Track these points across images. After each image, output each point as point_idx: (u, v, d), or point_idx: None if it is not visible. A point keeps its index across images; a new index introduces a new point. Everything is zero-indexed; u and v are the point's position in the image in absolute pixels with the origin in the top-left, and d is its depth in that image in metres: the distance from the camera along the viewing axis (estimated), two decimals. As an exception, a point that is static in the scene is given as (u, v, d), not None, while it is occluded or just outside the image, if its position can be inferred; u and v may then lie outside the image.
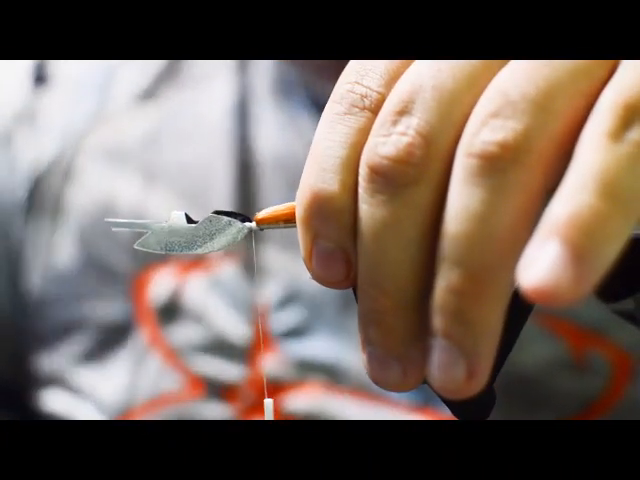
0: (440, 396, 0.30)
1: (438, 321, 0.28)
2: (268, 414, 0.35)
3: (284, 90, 0.67)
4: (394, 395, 0.63)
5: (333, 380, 0.64)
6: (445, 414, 0.62)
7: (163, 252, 0.34)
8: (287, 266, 0.65)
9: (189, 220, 0.34)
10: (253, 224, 0.34)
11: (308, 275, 0.31)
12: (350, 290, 0.32)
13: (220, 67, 0.69)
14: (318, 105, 0.66)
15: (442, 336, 0.28)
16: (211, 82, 0.69)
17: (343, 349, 0.64)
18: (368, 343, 0.30)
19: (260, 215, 0.34)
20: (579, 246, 0.26)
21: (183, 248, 0.34)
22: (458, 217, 0.28)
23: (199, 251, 0.34)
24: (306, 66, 0.67)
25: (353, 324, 0.63)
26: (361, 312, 0.30)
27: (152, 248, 0.34)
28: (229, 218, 0.34)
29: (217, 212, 0.34)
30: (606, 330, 0.63)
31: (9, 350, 0.70)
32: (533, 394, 0.63)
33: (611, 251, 0.26)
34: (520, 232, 0.28)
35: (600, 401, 0.63)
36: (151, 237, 0.34)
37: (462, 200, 0.28)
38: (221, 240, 0.34)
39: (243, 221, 0.34)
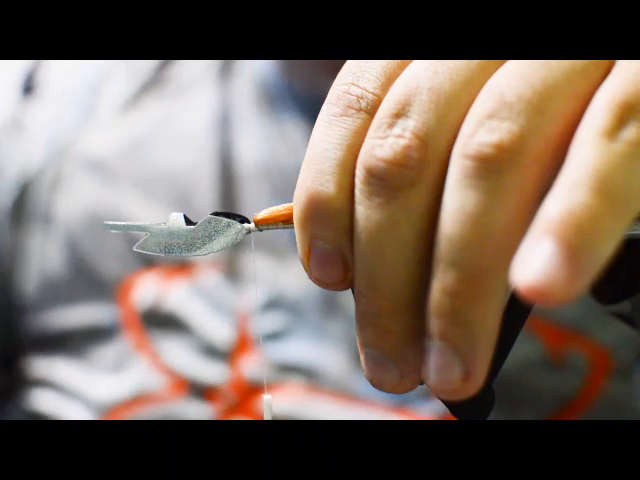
0: (439, 397, 0.30)
1: (434, 323, 0.28)
2: (267, 410, 0.35)
3: (268, 96, 0.68)
4: (372, 396, 0.63)
5: (313, 382, 0.64)
6: (422, 415, 0.63)
7: (162, 254, 0.34)
8: (270, 271, 0.65)
9: (188, 222, 0.34)
10: (252, 225, 0.34)
11: (294, 280, 0.31)
12: (332, 295, 0.32)
13: (203, 76, 0.70)
14: (302, 111, 0.67)
15: (438, 338, 0.28)
16: (194, 92, 0.70)
17: (323, 352, 0.65)
18: (365, 345, 0.30)
19: (259, 216, 0.34)
20: (573, 244, 0.26)
21: (182, 250, 0.34)
22: (453, 219, 0.28)
23: (198, 253, 0.34)
24: (290, 71, 0.67)
25: (334, 328, 0.65)
26: (358, 314, 0.30)
27: (151, 250, 0.34)
28: (228, 219, 0.34)
29: (216, 213, 0.34)
30: (584, 328, 0.63)
31: None
32: (511, 392, 0.63)
33: (605, 250, 0.26)
34: (516, 233, 0.28)
35: (578, 399, 0.64)
36: (150, 239, 0.34)
37: (457, 201, 0.28)
38: (220, 241, 0.34)
39: (242, 222, 0.34)
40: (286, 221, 0.33)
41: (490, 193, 0.28)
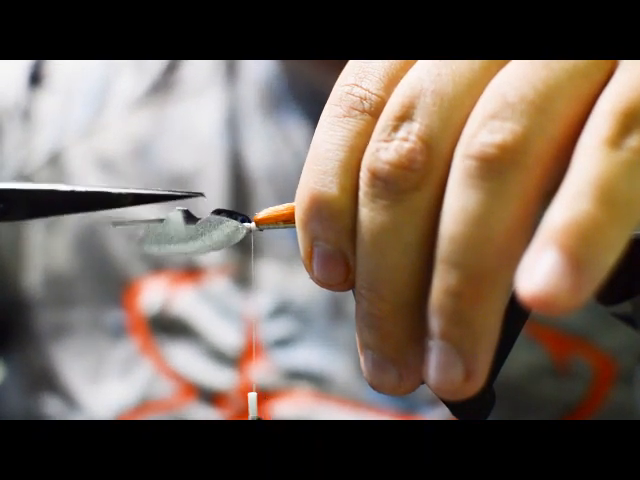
0: (439, 397, 0.30)
1: (435, 323, 0.28)
2: (252, 408, 0.35)
3: (271, 99, 0.68)
4: (380, 403, 0.63)
5: (321, 389, 0.64)
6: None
7: (163, 249, 0.34)
8: (278, 278, 0.65)
9: (190, 218, 0.34)
10: (252, 224, 0.34)
11: (302, 286, 0.31)
12: (340, 302, 0.32)
13: (211, 79, 0.69)
14: (307, 115, 0.67)
15: (440, 337, 0.28)
16: (203, 94, 0.69)
17: (331, 359, 0.65)
18: (365, 347, 0.30)
19: (259, 215, 0.34)
20: (577, 254, 0.26)
21: (183, 246, 0.34)
22: (456, 219, 0.28)
23: (198, 249, 0.34)
24: (295, 76, 0.67)
25: (342, 334, 0.65)
26: (358, 315, 0.30)
27: (152, 245, 0.34)
28: (229, 218, 0.34)
29: (217, 211, 0.34)
30: (589, 335, 0.63)
31: None
32: (515, 400, 0.63)
33: (609, 259, 0.26)
34: (517, 234, 0.28)
35: (583, 406, 0.64)
36: (151, 233, 0.34)
37: (459, 202, 0.28)
38: (220, 239, 0.34)
39: (243, 221, 0.34)
40: (287, 221, 0.33)
41: (492, 193, 0.28)
